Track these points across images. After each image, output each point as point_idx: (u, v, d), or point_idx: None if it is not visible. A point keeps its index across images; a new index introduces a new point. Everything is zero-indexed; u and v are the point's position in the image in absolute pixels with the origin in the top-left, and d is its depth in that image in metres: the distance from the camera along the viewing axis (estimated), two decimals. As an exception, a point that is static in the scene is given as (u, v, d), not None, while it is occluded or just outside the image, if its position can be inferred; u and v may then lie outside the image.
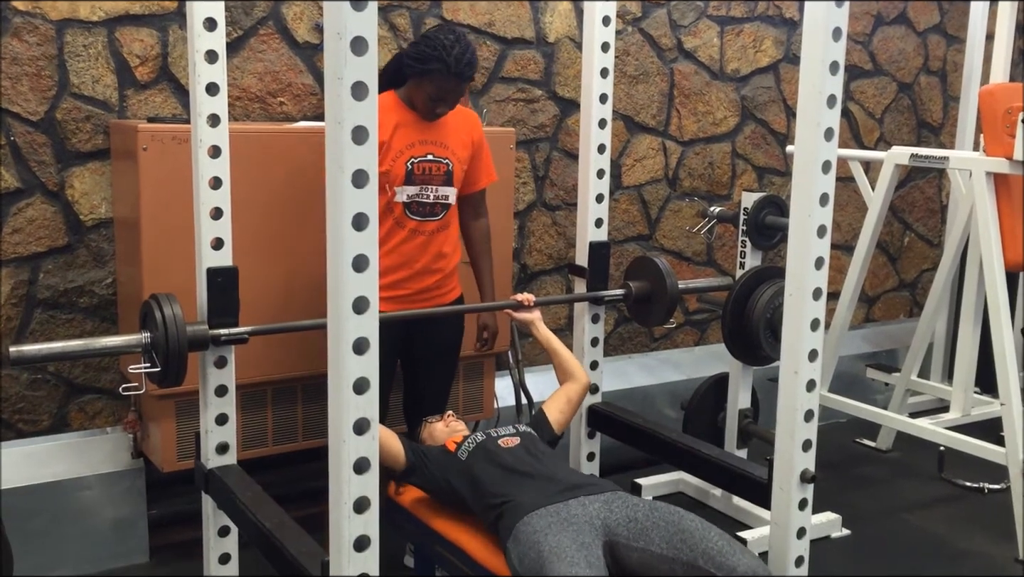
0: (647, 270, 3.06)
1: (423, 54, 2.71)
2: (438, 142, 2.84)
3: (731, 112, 4.47)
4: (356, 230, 1.64)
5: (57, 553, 3.05)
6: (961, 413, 4.16)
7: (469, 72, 2.75)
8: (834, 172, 2.12)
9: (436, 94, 2.74)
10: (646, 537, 2.20)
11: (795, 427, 2.18)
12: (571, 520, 2.21)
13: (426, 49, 2.71)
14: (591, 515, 2.25)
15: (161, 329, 2.27)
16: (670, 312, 3.04)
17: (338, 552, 1.73)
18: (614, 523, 2.24)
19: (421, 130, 2.82)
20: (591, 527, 2.21)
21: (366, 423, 1.70)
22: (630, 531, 2.22)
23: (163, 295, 2.32)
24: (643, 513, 2.25)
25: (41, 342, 2.67)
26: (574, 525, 2.19)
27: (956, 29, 5.13)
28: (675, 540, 2.18)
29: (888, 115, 5.05)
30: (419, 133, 2.82)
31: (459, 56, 2.70)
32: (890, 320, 5.35)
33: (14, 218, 3.03)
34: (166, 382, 2.33)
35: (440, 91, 2.74)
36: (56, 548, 3.04)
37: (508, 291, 3.54)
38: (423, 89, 2.75)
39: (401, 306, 2.84)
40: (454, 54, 2.69)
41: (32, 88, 3.00)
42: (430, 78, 2.72)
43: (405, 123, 2.80)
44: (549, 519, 2.20)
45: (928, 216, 5.34)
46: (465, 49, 2.72)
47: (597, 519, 2.24)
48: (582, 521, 2.22)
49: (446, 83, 2.72)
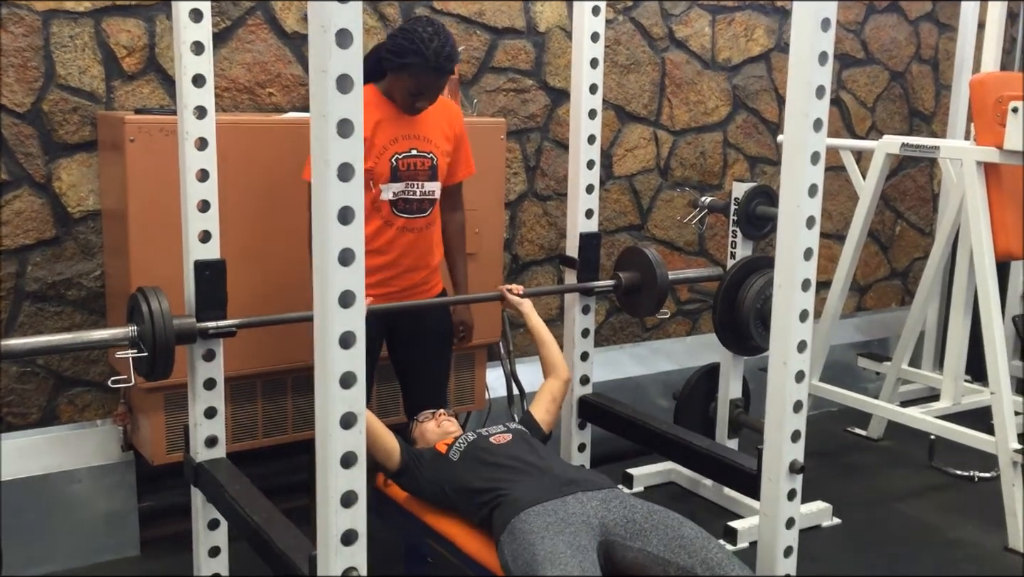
0: (637, 261, 3.06)
1: (401, 47, 2.64)
2: (421, 136, 2.80)
3: (723, 101, 4.46)
4: (342, 224, 1.64)
5: (47, 546, 3.04)
6: (951, 402, 4.17)
7: (448, 66, 2.68)
8: (823, 163, 2.12)
9: (415, 88, 2.68)
10: (643, 538, 2.18)
11: (784, 418, 2.17)
12: (568, 520, 2.19)
13: (403, 42, 2.64)
14: (588, 514, 2.23)
15: (148, 322, 2.26)
16: (660, 302, 3.04)
17: (325, 546, 1.73)
18: (611, 522, 2.23)
19: (403, 124, 2.78)
20: (588, 527, 2.19)
21: (353, 417, 1.70)
22: (627, 531, 2.21)
23: (150, 288, 2.31)
24: (641, 515, 2.23)
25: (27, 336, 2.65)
26: (571, 527, 2.17)
27: (948, 17, 5.12)
28: (673, 544, 2.16)
29: (880, 104, 5.04)
30: (401, 128, 2.77)
31: (438, 50, 2.62)
32: (882, 309, 5.36)
33: (1, 211, 3.01)
34: (153, 375, 2.32)
35: (419, 85, 2.67)
36: (46, 541, 3.03)
37: (499, 282, 3.52)
38: (402, 83, 2.69)
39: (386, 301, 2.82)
40: (432, 47, 2.62)
41: (18, 79, 2.97)
42: (409, 72, 2.65)
43: (386, 118, 2.75)
44: (547, 518, 2.18)
45: (920, 205, 5.35)
46: (444, 42, 2.64)
47: (594, 518, 2.23)
48: (579, 521, 2.20)
49: (425, 77, 2.66)
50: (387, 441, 2.52)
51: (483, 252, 3.38)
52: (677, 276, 3.20)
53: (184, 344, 2.38)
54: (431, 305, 2.93)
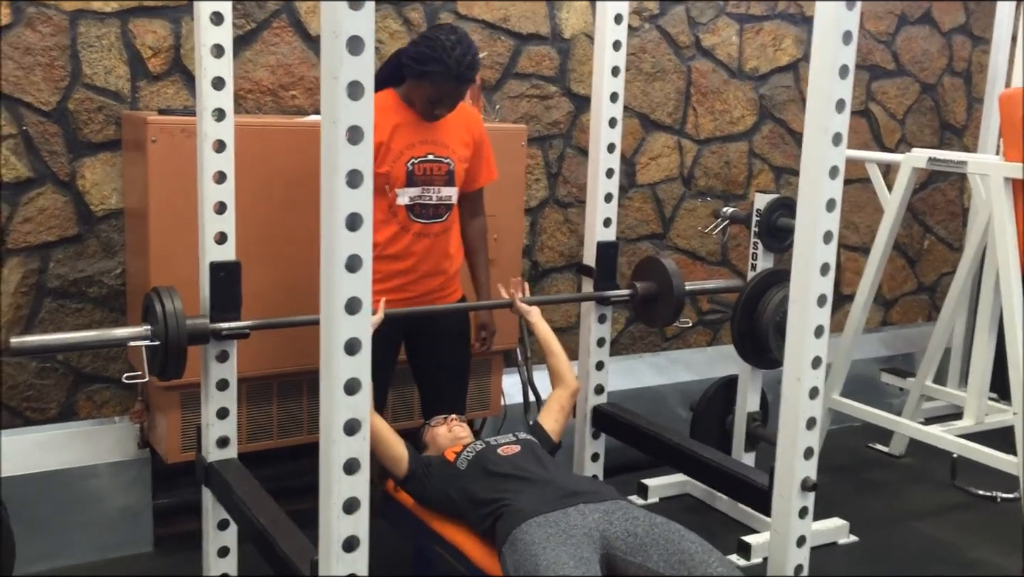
0: (654, 270, 3.04)
1: (422, 55, 2.63)
2: (438, 141, 2.79)
3: (749, 111, 4.43)
4: (350, 230, 1.63)
5: (63, 540, 3.07)
6: (975, 421, 4.10)
7: (470, 74, 2.66)
8: (842, 178, 2.09)
9: (435, 96, 2.67)
10: (644, 553, 2.17)
11: (797, 434, 2.15)
12: (570, 532, 2.18)
13: (425, 50, 2.63)
14: (590, 526, 2.22)
15: (161, 322, 2.28)
16: (677, 313, 3.02)
17: (327, 552, 1.73)
18: (612, 535, 2.21)
19: (420, 130, 2.77)
20: (589, 539, 2.18)
21: (357, 423, 1.70)
22: (628, 545, 2.19)
23: (164, 288, 2.33)
24: (643, 528, 2.22)
25: (43, 333, 2.68)
26: (573, 538, 2.16)
27: (982, 30, 5.05)
28: (673, 560, 2.14)
29: (910, 116, 4.98)
30: (418, 133, 2.77)
31: (460, 58, 2.61)
32: (908, 324, 5.29)
33: (25, 207, 3.05)
34: (165, 375, 2.34)
35: (439, 93, 2.66)
36: (62, 535, 3.06)
37: (517, 289, 3.52)
38: (422, 90, 2.68)
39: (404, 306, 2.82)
40: (455, 56, 2.60)
41: (45, 78, 3.01)
42: (429, 80, 2.64)
43: (404, 123, 2.75)
44: (548, 529, 2.17)
45: (949, 219, 5.27)
46: (467, 51, 2.63)
47: (596, 530, 2.22)
48: (581, 533, 2.18)
49: (446, 86, 2.65)
50: (396, 448, 2.52)
51: (502, 258, 3.37)
52: (694, 287, 3.17)
53: (197, 344, 2.39)
54: (447, 311, 2.92)
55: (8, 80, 2.97)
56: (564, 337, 4.11)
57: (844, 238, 4.86)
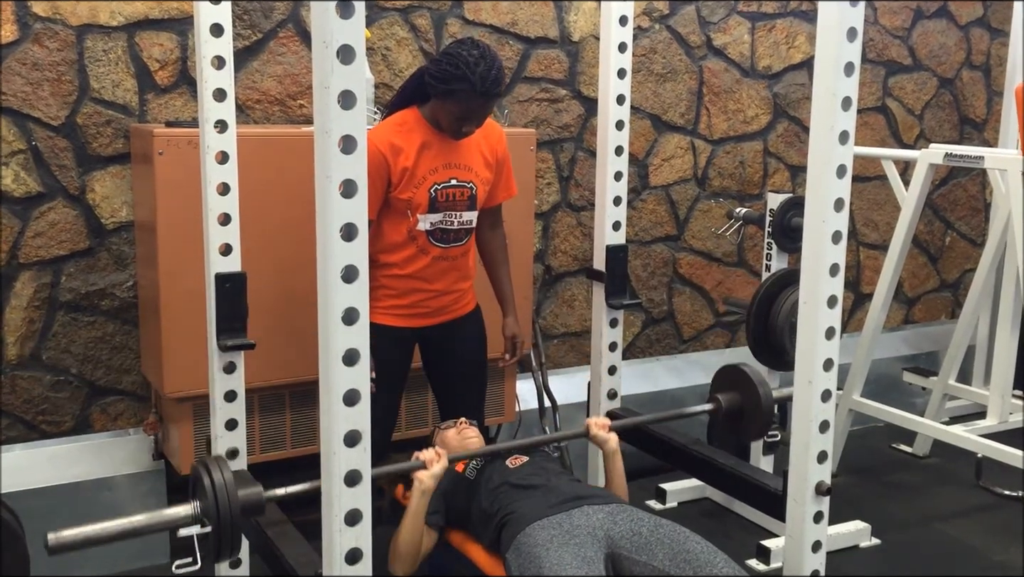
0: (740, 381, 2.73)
1: (446, 73, 2.56)
2: (461, 164, 2.74)
3: (763, 110, 4.38)
4: (345, 240, 1.62)
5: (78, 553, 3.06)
6: (998, 420, 4.03)
7: (496, 89, 2.59)
8: (849, 177, 2.05)
9: (461, 114, 2.60)
10: (649, 552, 2.16)
11: (810, 438, 2.11)
12: (574, 532, 2.17)
13: (448, 68, 2.56)
14: (594, 526, 2.21)
15: (211, 497, 1.98)
16: (767, 427, 2.73)
17: (331, 565, 1.72)
18: (617, 535, 2.21)
19: (445, 152, 2.71)
20: (594, 539, 2.17)
21: (357, 435, 1.68)
22: (633, 544, 2.18)
23: (212, 458, 2.04)
24: (648, 528, 2.20)
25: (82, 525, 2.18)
26: (577, 539, 2.15)
27: (1000, 22, 4.97)
28: (679, 559, 2.13)
29: (928, 111, 4.91)
30: (441, 155, 2.71)
31: (484, 74, 2.54)
32: (931, 322, 5.21)
33: (36, 222, 3.06)
34: (222, 555, 2.02)
35: (466, 111, 2.60)
36: (78, 548, 3.07)
37: (528, 293, 3.50)
38: (447, 109, 2.61)
39: (418, 322, 2.83)
40: (479, 72, 2.54)
41: (53, 93, 3.02)
42: (455, 98, 2.57)
43: (429, 144, 2.69)
44: (552, 531, 2.16)
45: (971, 215, 5.19)
46: (491, 66, 2.56)
47: (600, 530, 2.21)
48: (585, 533, 2.18)
49: (472, 103, 2.58)
50: (426, 543, 2.41)
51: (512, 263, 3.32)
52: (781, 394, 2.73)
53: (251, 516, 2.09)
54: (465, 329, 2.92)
55: (17, 96, 2.98)
56: (580, 341, 4.09)
57: (863, 236, 4.80)
